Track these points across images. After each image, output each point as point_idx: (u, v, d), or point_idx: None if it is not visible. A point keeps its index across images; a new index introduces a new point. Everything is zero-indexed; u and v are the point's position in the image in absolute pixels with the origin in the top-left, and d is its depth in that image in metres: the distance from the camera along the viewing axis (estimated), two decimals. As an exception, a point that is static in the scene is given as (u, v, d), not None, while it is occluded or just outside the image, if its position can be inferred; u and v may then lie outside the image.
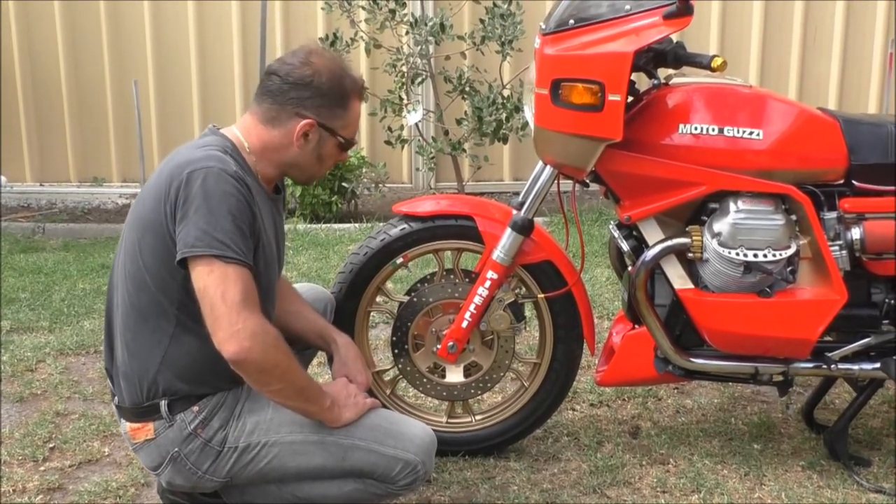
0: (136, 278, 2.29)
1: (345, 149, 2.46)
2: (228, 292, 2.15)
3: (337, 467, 2.34)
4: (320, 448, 2.33)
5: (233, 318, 2.14)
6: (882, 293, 2.79)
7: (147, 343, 2.30)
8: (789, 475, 2.89)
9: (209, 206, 2.17)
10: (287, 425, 2.34)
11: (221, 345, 2.15)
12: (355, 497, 2.38)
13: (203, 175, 2.19)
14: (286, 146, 2.37)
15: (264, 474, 2.35)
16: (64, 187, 7.16)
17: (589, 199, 6.31)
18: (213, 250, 2.15)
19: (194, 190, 2.18)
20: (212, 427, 2.32)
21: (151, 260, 2.26)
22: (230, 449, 2.32)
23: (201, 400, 2.32)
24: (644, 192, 2.73)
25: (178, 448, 2.32)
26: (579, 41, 2.59)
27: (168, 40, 7.03)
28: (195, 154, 2.26)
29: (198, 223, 2.16)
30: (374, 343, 3.74)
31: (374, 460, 2.34)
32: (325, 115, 2.37)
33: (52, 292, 4.78)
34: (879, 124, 2.78)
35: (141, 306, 2.29)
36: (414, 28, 5.94)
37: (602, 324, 4.02)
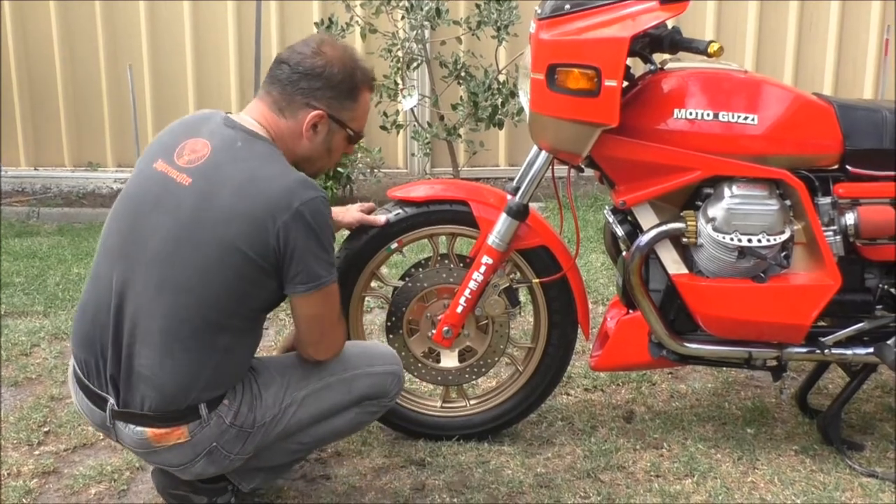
0: (199, 294, 2.24)
1: (353, 141, 2.48)
2: (334, 315, 2.40)
3: (345, 400, 2.49)
4: (327, 390, 2.45)
5: (333, 338, 2.44)
6: (876, 278, 2.80)
7: (200, 355, 2.27)
8: (782, 459, 2.90)
9: (325, 238, 2.28)
10: (294, 384, 2.43)
11: (322, 356, 2.45)
12: (357, 421, 2.57)
13: (313, 209, 2.22)
14: (296, 137, 2.37)
15: (280, 435, 2.42)
16: (59, 172, 7.13)
17: (584, 185, 6.31)
18: (333, 276, 2.32)
19: (310, 227, 2.22)
20: (243, 414, 2.35)
21: (237, 282, 2.24)
22: (260, 426, 2.37)
23: (227, 395, 2.34)
24: (639, 178, 2.73)
25: (216, 442, 2.33)
26: (575, 26, 2.58)
27: (163, 24, 6.99)
28: (285, 177, 2.24)
29: (319, 254, 2.26)
30: (368, 328, 3.74)
31: (372, 382, 2.52)
32: (334, 107, 2.37)
33: (46, 277, 4.77)
34: (874, 110, 2.78)
35: (199, 319, 2.25)
36: (409, 13, 5.91)
37: (597, 309, 4.02)
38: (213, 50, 7.01)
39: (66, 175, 7.09)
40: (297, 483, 2.78)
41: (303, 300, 2.30)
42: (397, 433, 3.04)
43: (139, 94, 6.88)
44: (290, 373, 2.44)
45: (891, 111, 2.76)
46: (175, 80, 7.04)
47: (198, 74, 7.01)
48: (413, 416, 3.01)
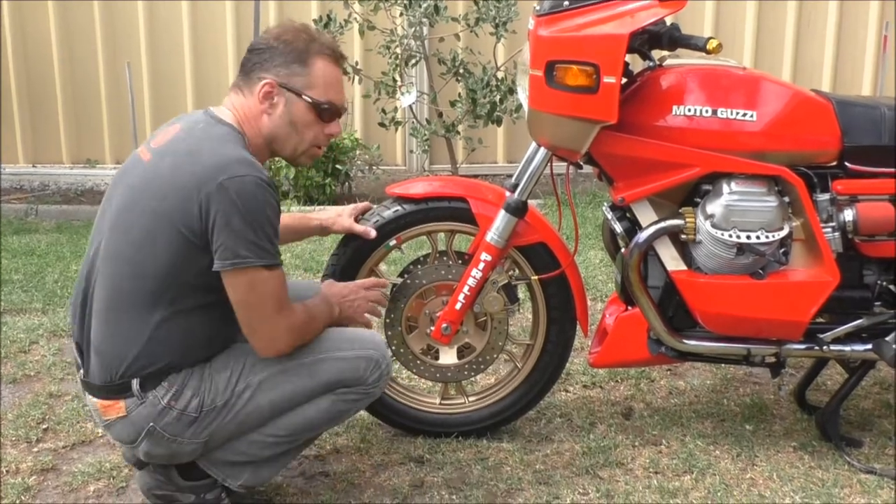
0: (135, 264, 2.29)
1: (322, 114, 2.41)
2: (268, 305, 2.28)
3: (308, 387, 2.39)
4: (285, 375, 2.38)
5: (268, 330, 2.31)
6: (874, 275, 2.80)
7: (132, 325, 2.31)
8: (781, 456, 2.90)
9: (253, 218, 2.22)
10: (250, 368, 2.38)
11: (260, 352, 2.35)
12: (335, 410, 2.45)
13: (239, 186, 2.21)
14: (258, 115, 2.40)
15: (241, 423, 2.38)
16: (57, 169, 7.14)
17: (583, 182, 6.31)
18: (262, 261, 2.24)
19: (233, 201, 2.20)
20: (185, 397, 2.34)
21: (166, 254, 2.26)
22: (208, 411, 2.35)
23: (170, 376, 2.34)
24: (637, 174, 2.73)
25: (153, 423, 2.34)
26: (574, 23, 2.58)
27: (161, 22, 6.99)
28: (222, 155, 2.26)
29: (245, 234, 2.21)
30: (367, 325, 3.74)
31: (340, 367, 2.41)
32: (283, 74, 2.38)
33: (45, 274, 4.77)
34: (873, 106, 2.78)
35: (134, 290, 2.30)
36: (408, 9, 5.91)
37: (595, 305, 4.02)
38: (212, 48, 7.01)
39: (64, 172, 7.09)
40: (296, 480, 2.78)
41: (228, 281, 2.26)
42: (396, 430, 3.04)
43: (137, 91, 6.89)
44: (247, 357, 2.38)
45: (889, 108, 2.76)
46: (173, 78, 7.05)
47: (196, 72, 7.01)
48: (412, 413, 3.01)
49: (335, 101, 2.43)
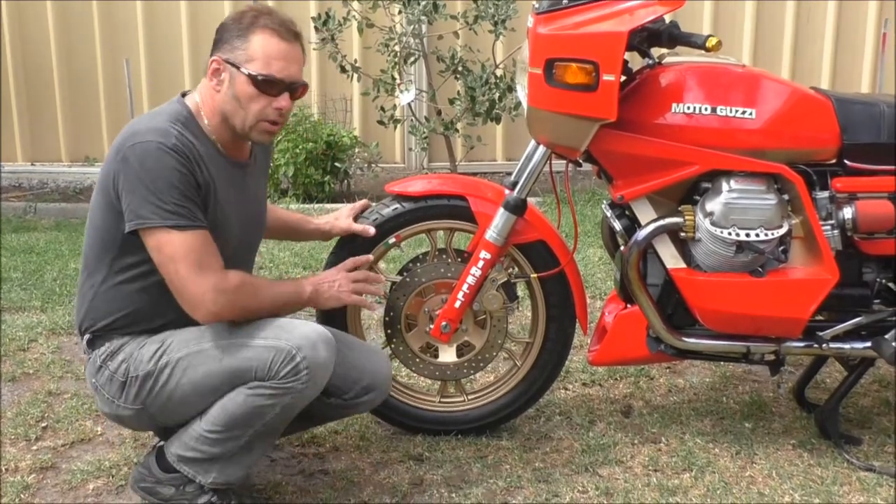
0: (88, 229, 2.49)
1: (262, 87, 2.40)
2: (181, 266, 2.31)
3: (217, 371, 2.37)
4: (201, 356, 2.39)
5: (191, 290, 2.32)
6: (873, 272, 2.80)
7: (84, 285, 2.51)
8: (780, 454, 2.90)
9: (152, 180, 2.29)
10: (176, 344, 2.42)
11: (193, 314, 2.36)
12: (252, 405, 2.36)
13: (141, 151, 2.31)
14: (212, 93, 2.46)
15: (171, 398, 2.41)
16: (55, 167, 7.14)
17: (582, 179, 6.31)
18: (166, 221, 2.29)
19: (134, 165, 2.31)
20: (117, 360, 2.44)
21: (99, 216, 2.44)
22: (133, 378, 2.42)
23: (114, 338, 2.47)
24: (637, 172, 2.73)
25: (94, 379, 2.50)
26: (573, 20, 2.58)
27: (160, 19, 6.99)
28: (141, 125, 2.39)
29: (146, 196, 2.29)
30: (366, 323, 3.74)
31: (247, 354, 2.35)
32: (226, 50, 2.43)
33: (43, 272, 4.77)
34: (872, 104, 2.78)
35: (86, 254, 2.51)
36: (406, 7, 5.91)
37: (594, 303, 4.02)
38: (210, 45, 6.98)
39: (62, 170, 7.09)
40: (296, 478, 2.78)
41: (145, 242, 2.33)
42: (395, 428, 3.04)
43: (136, 88, 6.89)
44: (178, 335, 2.42)
45: (888, 105, 2.76)
46: (172, 76, 7.04)
47: (194, 69, 7.00)
48: (411, 411, 3.01)
49: (276, 74, 2.40)
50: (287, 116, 2.50)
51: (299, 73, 2.46)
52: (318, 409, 2.63)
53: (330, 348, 2.39)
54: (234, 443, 2.41)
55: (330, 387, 2.57)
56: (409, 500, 2.68)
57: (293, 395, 2.37)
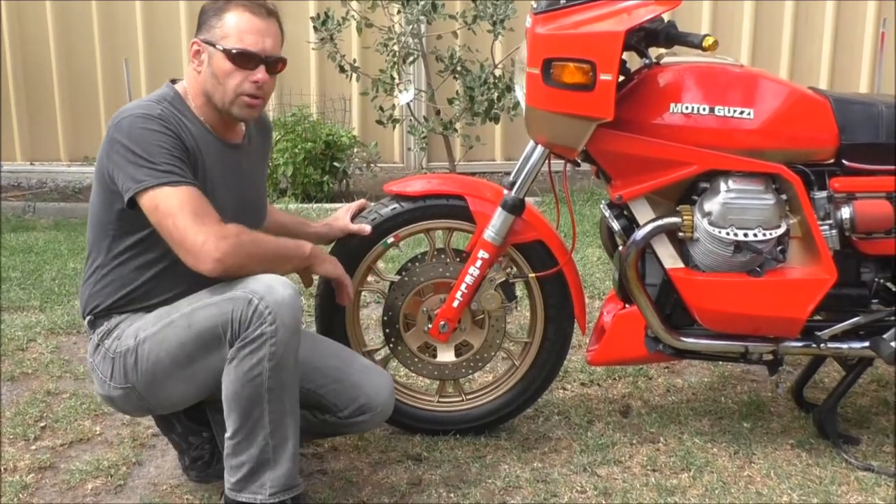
0: (90, 217, 2.55)
1: (236, 61, 2.44)
2: (179, 218, 2.31)
3: (189, 338, 2.36)
4: (171, 327, 2.40)
5: (191, 239, 2.30)
6: (871, 272, 2.80)
7: (87, 271, 2.56)
8: (778, 453, 2.91)
9: (141, 147, 2.34)
10: (152, 319, 2.44)
11: (195, 268, 2.33)
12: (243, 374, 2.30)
13: (128, 124, 2.38)
14: (195, 75, 2.52)
15: (155, 374, 2.42)
16: (55, 166, 7.14)
17: (580, 179, 6.31)
18: (160, 179, 2.32)
19: (122, 139, 2.37)
20: (111, 337, 2.49)
21: (97, 203, 2.49)
22: (119, 353, 2.45)
23: (111, 317, 2.51)
24: (635, 172, 2.73)
25: (92, 358, 2.54)
26: (571, 20, 2.58)
27: (159, 19, 6.99)
28: (129, 105, 2.48)
29: (137, 162, 2.34)
30: (365, 322, 3.74)
31: (210, 312, 2.33)
32: (203, 31, 2.49)
33: (42, 271, 4.77)
34: (870, 104, 2.78)
35: (89, 240, 2.56)
36: (405, 7, 5.91)
37: (593, 303, 4.03)
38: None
39: (62, 169, 7.09)
40: (294, 478, 2.78)
41: (144, 210, 2.35)
42: (394, 428, 3.04)
43: (135, 88, 6.88)
44: (159, 311, 2.45)
45: (887, 105, 2.76)
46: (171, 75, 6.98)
47: (194, 69, 6.99)
48: (409, 411, 3.01)
49: (249, 48, 2.44)
50: (267, 91, 2.51)
51: (275, 48, 2.49)
52: (314, 426, 2.64)
53: (288, 287, 2.32)
54: (262, 431, 2.34)
55: (326, 403, 2.60)
56: (407, 500, 2.68)
57: (271, 343, 2.28)
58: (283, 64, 2.53)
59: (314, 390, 2.59)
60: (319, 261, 2.56)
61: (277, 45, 2.50)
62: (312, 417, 2.60)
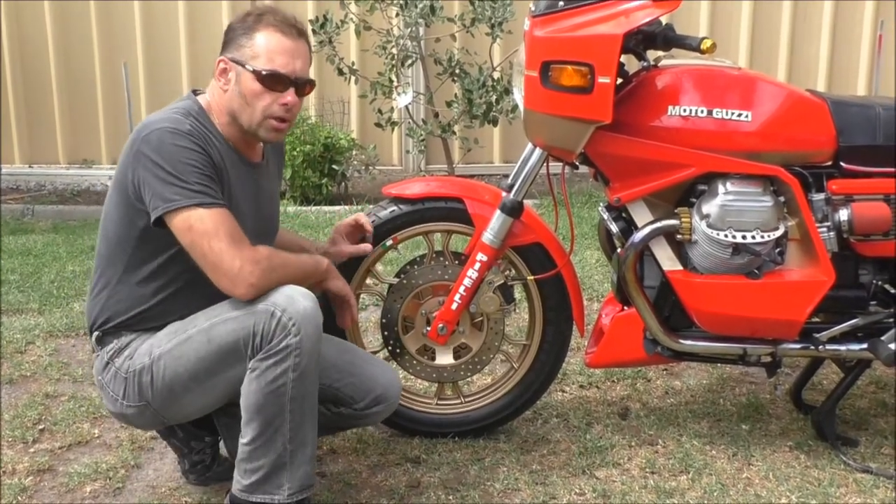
0: (103, 228, 2.50)
1: (266, 82, 2.40)
2: (214, 241, 2.29)
3: (208, 354, 2.35)
4: (189, 343, 2.38)
5: (228, 264, 2.29)
6: (869, 274, 2.80)
7: (97, 284, 2.51)
8: (777, 455, 2.91)
9: (171, 164, 2.30)
10: (166, 335, 2.43)
11: (230, 292, 2.33)
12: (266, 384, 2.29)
13: (156, 138, 2.32)
14: (220, 93, 2.46)
15: (173, 390, 2.40)
16: (53, 169, 7.14)
17: (579, 182, 6.31)
18: (192, 200, 2.29)
19: (150, 154, 2.31)
20: (122, 356, 2.46)
21: (115, 215, 2.45)
22: (133, 373, 2.43)
23: (122, 335, 2.48)
24: (633, 174, 2.73)
25: (101, 376, 2.50)
26: (569, 23, 2.59)
27: (158, 22, 7.00)
28: (153, 118, 2.40)
29: (167, 180, 2.29)
30: (363, 325, 3.74)
31: (231, 327, 2.33)
32: (232, 49, 2.44)
33: (41, 274, 4.77)
34: (868, 106, 2.78)
35: (101, 252, 2.51)
36: (404, 10, 5.91)
37: (591, 306, 4.03)
38: (208, 46, 7.00)
39: (60, 172, 7.10)
40: (293, 480, 2.78)
41: (174, 231, 2.32)
42: (393, 430, 3.04)
43: (134, 90, 6.89)
44: (172, 327, 2.43)
45: (884, 107, 2.76)
46: (170, 78, 7.04)
47: (192, 71, 7.01)
48: (408, 414, 3.01)
49: (280, 69, 2.40)
50: (295, 113, 2.48)
51: (305, 70, 2.46)
52: (329, 419, 2.62)
53: (308, 298, 2.33)
54: (281, 438, 2.34)
55: (343, 396, 2.60)
56: (406, 503, 2.68)
57: (295, 354, 2.29)
58: (312, 86, 2.51)
59: (330, 385, 2.58)
60: (333, 276, 2.57)
61: (307, 67, 2.47)
62: (327, 411, 2.59)
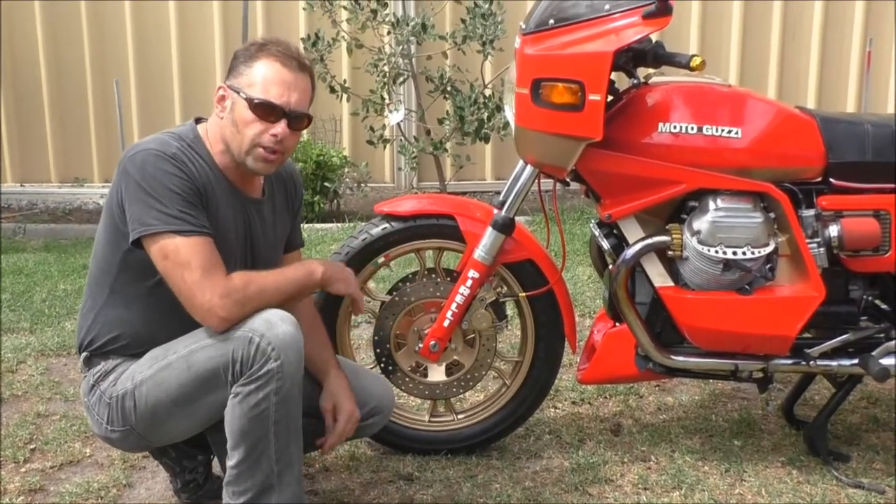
0: (94, 251, 2.51)
1: (257, 111, 2.37)
2: (187, 273, 2.29)
3: (188, 379, 2.34)
4: (169, 369, 2.37)
5: (199, 298, 2.28)
6: (860, 290, 2.81)
7: (85, 305, 2.52)
8: (769, 471, 2.91)
9: (153, 187, 2.29)
10: (147, 361, 2.42)
11: (205, 322, 2.32)
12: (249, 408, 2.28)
13: (141, 159, 2.32)
14: (217, 119, 2.46)
15: (156, 415, 2.40)
16: (45, 188, 7.14)
17: (570, 198, 6.33)
18: (169, 226, 2.29)
19: (135, 175, 2.31)
20: (108, 380, 2.45)
21: (103, 237, 2.46)
22: (117, 398, 2.42)
23: (109, 358, 2.48)
24: (624, 191, 2.74)
25: (87, 398, 2.50)
26: (559, 41, 2.60)
27: (150, 40, 7.01)
28: (144, 139, 2.42)
29: (148, 202, 2.29)
30: (356, 342, 3.74)
31: (209, 353, 2.31)
32: (232, 77, 2.45)
33: (32, 293, 4.76)
34: (856, 122, 2.80)
35: (91, 273, 2.52)
36: (395, 28, 5.94)
37: (584, 322, 4.03)
38: (200, 66, 7.03)
39: (52, 191, 7.09)
40: (285, 498, 2.77)
41: (151, 254, 2.31)
42: (385, 448, 3.04)
43: (126, 109, 6.90)
44: (153, 352, 2.41)
45: (872, 124, 2.78)
46: (162, 97, 7.06)
47: (184, 91, 7.03)
48: (401, 431, 3.01)
49: (273, 100, 2.38)
50: (287, 146, 2.43)
51: (301, 103, 2.42)
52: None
53: (288, 322, 2.30)
54: (267, 460, 2.33)
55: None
56: (398, 520, 2.68)
57: (277, 378, 2.27)
58: (309, 121, 2.48)
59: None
60: (333, 281, 2.51)
61: (304, 101, 2.44)
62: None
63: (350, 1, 5.97)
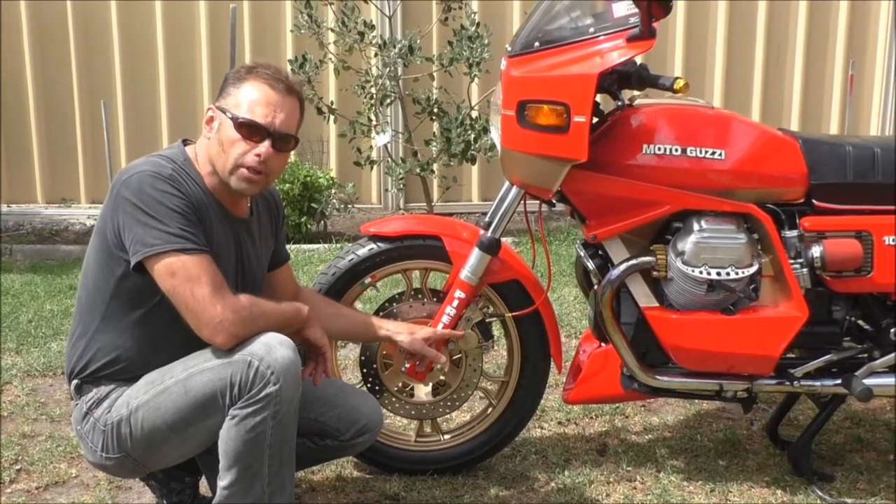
0: (83, 277, 2.48)
1: (242, 130, 2.38)
2: (196, 288, 2.27)
3: (185, 404, 2.33)
4: (166, 395, 2.35)
5: (210, 313, 2.27)
6: (843, 310, 2.83)
7: (76, 332, 2.48)
8: (754, 491, 2.92)
9: (152, 208, 2.29)
10: (143, 386, 2.40)
11: (210, 340, 2.31)
12: (246, 431, 2.28)
13: (137, 181, 2.31)
14: (206, 142, 2.46)
15: (153, 441, 2.38)
16: (31, 208, 7.13)
17: (556, 219, 6.35)
18: (174, 245, 2.27)
19: (131, 198, 2.30)
20: (101, 407, 2.42)
21: (94, 262, 2.43)
22: (112, 425, 2.40)
23: (101, 385, 2.45)
24: (609, 212, 2.76)
25: (80, 426, 2.47)
26: (545, 63, 2.63)
27: (137, 60, 7.03)
28: (136, 162, 2.40)
29: (149, 223, 2.28)
30: (343, 363, 3.75)
31: (207, 377, 2.31)
32: (220, 99, 2.46)
33: (19, 314, 4.75)
34: (838, 144, 2.83)
35: (80, 299, 2.49)
36: (382, 50, 5.97)
37: (569, 342, 4.04)
38: (187, 88, 7.05)
39: (38, 211, 7.08)
40: (271, 519, 2.77)
41: (155, 275, 2.29)
42: (371, 468, 3.04)
43: (113, 130, 6.90)
44: (149, 377, 2.40)
45: (854, 146, 2.81)
46: (149, 117, 7.07)
47: (171, 111, 7.04)
48: (387, 451, 3.01)
49: (258, 119, 2.39)
50: (271, 167, 2.44)
51: (287, 125, 2.43)
52: (314, 452, 2.64)
53: (286, 346, 2.31)
54: (260, 482, 2.33)
55: (328, 429, 2.62)
56: (385, 540, 2.67)
57: (275, 402, 2.27)
58: (295, 143, 2.49)
59: (315, 419, 2.60)
60: (312, 323, 2.51)
61: (291, 123, 2.45)
62: (312, 444, 2.60)
63: (337, 23, 6.01)
